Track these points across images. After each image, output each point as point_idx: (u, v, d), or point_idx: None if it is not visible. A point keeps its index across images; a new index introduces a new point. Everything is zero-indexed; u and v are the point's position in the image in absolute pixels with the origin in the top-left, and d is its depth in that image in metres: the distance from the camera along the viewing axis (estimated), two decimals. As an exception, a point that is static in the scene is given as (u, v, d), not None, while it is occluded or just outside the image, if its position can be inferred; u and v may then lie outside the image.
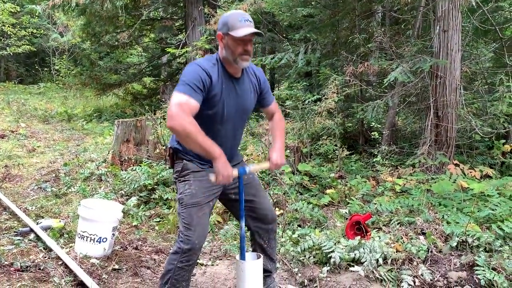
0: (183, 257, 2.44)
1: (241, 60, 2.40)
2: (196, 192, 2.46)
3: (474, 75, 6.53)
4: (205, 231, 2.49)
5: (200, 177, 2.49)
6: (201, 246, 2.49)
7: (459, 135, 6.00)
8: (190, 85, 2.27)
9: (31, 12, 15.73)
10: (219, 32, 2.42)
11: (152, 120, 6.23)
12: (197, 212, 2.45)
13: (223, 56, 2.44)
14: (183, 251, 2.44)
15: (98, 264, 3.38)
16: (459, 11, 5.53)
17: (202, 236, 2.47)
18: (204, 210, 2.49)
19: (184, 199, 2.47)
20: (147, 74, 14.12)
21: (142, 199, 4.88)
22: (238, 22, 2.34)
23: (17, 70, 20.23)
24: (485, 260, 3.08)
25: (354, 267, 3.22)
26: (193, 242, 2.42)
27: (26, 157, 7.10)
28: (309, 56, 7.44)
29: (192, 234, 2.42)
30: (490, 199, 4.18)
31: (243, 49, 2.37)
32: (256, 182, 2.73)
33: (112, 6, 10.05)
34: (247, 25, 2.36)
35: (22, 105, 12.65)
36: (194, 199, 2.46)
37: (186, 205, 2.46)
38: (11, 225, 4.15)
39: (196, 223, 2.44)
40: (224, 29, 2.38)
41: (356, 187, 5.03)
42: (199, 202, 2.46)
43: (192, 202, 2.45)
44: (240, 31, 2.33)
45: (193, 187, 2.47)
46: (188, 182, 2.49)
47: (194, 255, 2.46)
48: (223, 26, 2.39)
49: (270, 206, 2.77)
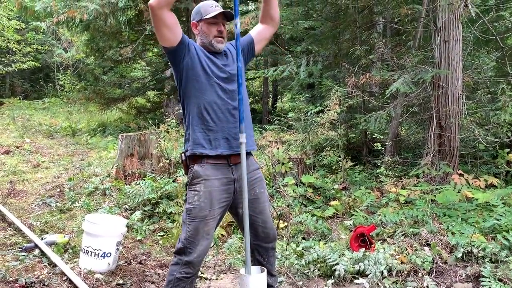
0: (182, 268, 2.46)
1: (216, 42, 2.56)
2: (204, 206, 2.45)
3: (476, 84, 6.53)
4: (207, 246, 2.50)
5: (211, 187, 2.47)
6: (202, 260, 2.51)
7: (463, 145, 5.99)
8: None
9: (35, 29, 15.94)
10: (193, 21, 2.61)
11: (156, 134, 6.25)
12: (204, 226, 2.46)
13: (199, 43, 2.60)
14: (183, 262, 2.45)
15: (102, 279, 3.38)
16: (459, 22, 5.57)
17: (204, 250, 2.48)
18: (211, 225, 2.49)
19: (192, 211, 2.46)
20: (151, 88, 14.21)
21: (146, 213, 4.88)
22: (209, 8, 2.55)
23: (22, 86, 20.41)
24: (491, 271, 3.06)
25: (359, 279, 3.20)
26: (193, 256, 2.44)
27: (31, 173, 7.13)
28: (311, 68, 7.48)
29: (194, 248, 2.44)
30: (495, 209, 4.16)
31: (217, 30, 2.55)
32: (264, 198, 2.67)
33: (115, 21, 10.16)
34: (217, 9, 2.55)
35: (27, 121, 12.76)
36: (202, 212, 2.45)
37: (194, 218, 2.46)
38: (16, 241, 4.16)
39: (201, 237, 2.45)
40: (197, 17, 2.58)
41: (360, 198, 5.02)
42: (206, 216, 2.46)
43: (200, 215, 2.45)
44: (211, 14, 2.53)
45: (202, 200, 2.46)
46: (197, 194, 2.47)
47: (193, 269, 2.48)
48: (196, 14, 2.59)
49: (272, 225, 2.74)
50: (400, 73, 5.68)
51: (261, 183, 2.67)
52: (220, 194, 2.49)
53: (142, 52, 13.58)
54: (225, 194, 2.52)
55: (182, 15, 12.36)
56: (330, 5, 7.20)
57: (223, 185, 2.51)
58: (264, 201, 2.67)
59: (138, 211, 4.85)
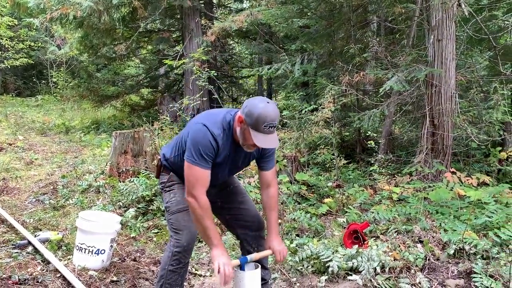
0: (173, 259, 2.53)
1: (248, 149, 2.44)
2: (181, 199, 2.57)
3: (469, 83, 6.57)
4: (193, 232, 2.57)
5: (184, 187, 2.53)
6: (191, 248, 2.58)
7: (456, 143, 6.03)
8: (204, 156, 2.35)
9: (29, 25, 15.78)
10: (241, 114, 2.32)
11: (150, 131, 6.24)
12: (184, 216, 2.56)
13: (236, 129, 2.40)
14: (173, 253, 2.53)
15: (96, 276, 3.38)
16: (452, 21, 5.60)
17: (190, 238, 2.55)
18: (190, 215, 2.54)
19: (170, 207, 2.60)
20: (145, 86, 14.17)
21: (140, 211, 4.88)
22: (262, 126, 2.25)
23: (14, 83, 20.26)
24: (482, 268, 3.09)
25: (352, 276, 3.22)
26: (182, 244, 2.52)
27: (24, 170, 7.09)
28: (306, 66, 7.49)
29: (181, 237, 2.53)
30: (487, 206, 4.20)
31: (254, 146, 2.36)
32: (240, 189, 2.82)
33: (109, 18, 10.10)
34: (270, 133, 2.29)
35: (19, 118, 12.68)
36: (179, 205, 2.58)
37: (173, 212, 2.58)
38: (9, 238, 4.15)
39: (184, 225, 2.55)
40: (248, 118, 2.28)
41: (354, 196, 5.05)
42: (185, 208, 2.54)
43: (178, 208, 2.57)
44: (260, 139, 2.28)
45: (178, 195, 2.59)
46: (173, 191, 2.62)
47: (184, 258, 2.55)
48: (248, 116, 2.28)
49: (257, 213, 2.80)
50: (393, 72, 5.71)
51: (232, 178, 2.81)
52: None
53: (136, 50, 13.53)
54: None
55: (176, 12, 12.34)
56: (325, 4, 7.20)
57: None
58: (242, 192, 2.81)
59: (132, 208, 4.85)
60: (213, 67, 11.01)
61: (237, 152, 2.52)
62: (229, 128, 2.42)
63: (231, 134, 2.43)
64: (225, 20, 10.16)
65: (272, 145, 2.33)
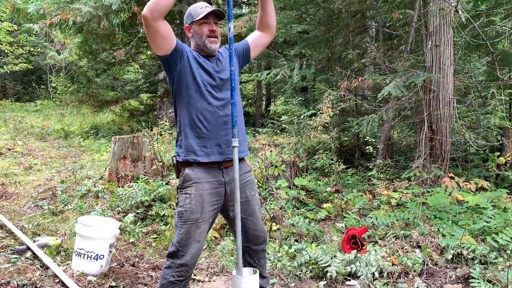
0: (175, 271, 2.47)
1: (209, 42, 2.56)
2: (196, 208, 2.47)
3: (467, 88, 6.60)
4: (200, 248, 2.52)
5: (202, 190, 2.49)
6: (195, 263, 2.51)
7: (454, 148, 6.05)
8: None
9: (28, 31, 15.88)
10: (185, 25, 2.62)
11: (149, 136, 6.26)
12: (196, 229, 2.47)
13: (194, 46, 2.62)
14: (176, 266, 2.46)
15: (95, 281, 3.38)
16: (450, 26, 5.64)
17: (196, 253, 2.49)
18: (203, 228, 2.50)
19: (183, 214, 2.48)
20: (144, 91, 14.20)
21: (139, 216, 4.89)
22: (199, 9, 2.56)
23: (14, 88, 20.29)
24: (480, 272, 3.11)
25: (351, 281, 3.23)
26: (186, 258, 2.45)
27: (23, 175, 7.09)
28: (304, 72, 7.52)
29: (186, 251, 2.45)
30: (485, 211, 4.21)
31: (209, 30, 2.55)
32: (254, 201, 2.69)
33: (109, 24, 10.15)
34: (208, 9, 2.54)
35: (19, 123, 12.67)
36: (193, 215, 2.47)
37: (186, 221, 2.47)
38: (8, 243, 4.15)
39: (193, 240, 2.46)
40: (189, 19, 2.59)
41: (353, 201, 5.06)
42: (198, 219, 2.47)
43: (191, 218, 2.46)
44: (202, 14, 2.53)
45: (194, 202, 2.47)
46: (189, 196, 2.48)
47: (187, 272, 2.48)
48: (187, 17, 2.60)
49: (263, 228, 2.75)
50: (392, 77, 5.74)
51: (252, 186, 2.69)
52: (211, 197, 2.51)
53: (135, 55, 13.57)
54: (216, 197, 2.54)
55: (176, 18, 12.38)
56: (323, 9, 7.25)
57: (214, 188, 2.52)
58: (255, 204, 2.68)
59: (131, 213, 4.85)
60: (212, 72, 11.01)
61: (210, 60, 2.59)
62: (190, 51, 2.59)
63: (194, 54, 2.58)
64: (224, 25, 10.21)
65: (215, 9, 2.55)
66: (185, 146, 2.53)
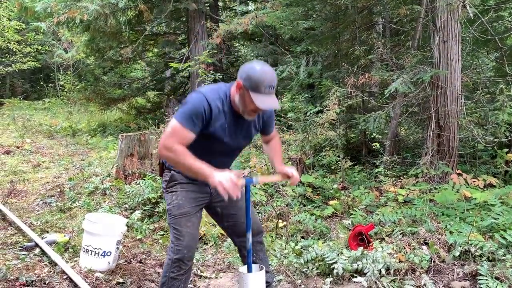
0: (173, 267, 2.50)
1: (248, 115, 2.38)
2: (183, 203, 2.52)
3: (475, 84, 6.55)
4: (194, 240, 2.54)
5: (187, 188, 2.53)
6: (192, 255, 2.54)
7: (462, 145, 6.01)
8: (189, 115, 2.27)
9: (36, 29, 15.92)
10: (239, 80, 2.29)
11: (156, 134, 6.28)
12: (186, 222, 2.51)
13: (234, 99, 2.37)
14: (173, 261, 2.49)
15: (102, 278, 3.40)
16: (458, 22, 5.59)
17: (191, 245, 2.51)
18: (193, 220, 2.54)
19: (172, 210, 2.53)
20: (151, 88, 14.25)
21: (146, 213, 4.91)
22: (262, 87, 2.23)
23: (22, 86, 20.42)
24: (488, 270, 3.08)
25: (357, 278, 3.22)
26: (182, 252, 2.48)
27: (31, 172, 7.15)
28: (311, 68, 7.51)
29: (181, 244, 2.49)
30: (493, 208, 4.18)
31: (255, 110, 2.33)
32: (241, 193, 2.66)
33: (115, 22, 10.19)
34: (270, 93, 2.26)
35: (27, 121, 12.77)
36: (181, 209, 2.51)
37: (175, 216, 2.52)
38: (17, 240, 4.19)
39: (185, 232, 2.50)
40: (246, 83, 2.25)
41: (359, 198, 5.04)
42: (187, 213, 2.51)
43: (180, 212, 2.51)
44: (260, 100, 2.24)
45: (180, 198, 2.52)
46: (175, 193, 2.54)
47: (185, 265, 2.51)
48: (247, 79, 2.26)
49: (256, 219, 2.75)
50: (399, 73, 5.71)
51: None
52: (196, 194, 2.55)
53: (142, 53, 13.60)
54: (201, 194, 2.58)
55: (182, 15, 12.40)
56: (330, 6, 7.22)
57: (199, 187, 2.56)
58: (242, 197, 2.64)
59: (138, 210, 4.88)
60: (218, 69, 11.04)
61: (237, 124, 2.44)
62: (226, 97, 2.38)
63: (228, 103, 2.38)
64: (230, 22, 10.22)
65: (274, 106, 2.28)
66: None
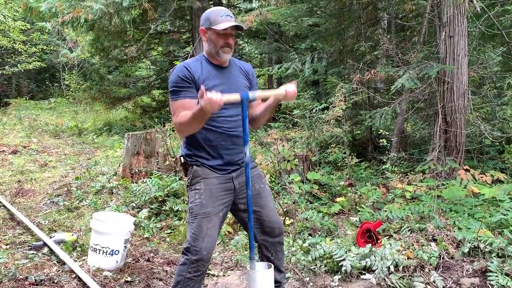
0: (191, 267, 2.46)
1: (223, 52, 2.52)
2: (206, 202, 2.48)
3: (482, 79, 6.51)
4: (213, 242, 2.51)
5: (211, 185, 2.50)
6: (210, 257, 2.51)
7: (469, 140, 5.97)
8: (175, 87, 2.48)
9: (41, 29, 16.00)
10: (201, 27, 2.55)
11: (162, 132, 6.28)
12: (207, 223, 2.47)
13: (206, 50, 2.58)
14: (191, 261, 2.46)
15: (110, 277, 3.41)
16: (464, 17, 5.54)
17: (210, 247, 2.48)
18: (214, 221, 2.50)
19: (194, 209, 2.49)
20: (156, 87, 14.25)
21: (153, 211, 4.92)
22: (219, 17, 2.48)
23: (28, 86, 20.52)
24: (497, 266, 3.06)
25: (366, 275, 3.21)
26: (201, 253, 2.44)
27: (38, 172, 7.19)
28: (316, 65, 7.48)
29: (200, 245, 2.45)
30: (502, 204, 4.14)
31: (224, 42, 2.50)
32: (265, 193, 2.69)
33: (120, 21, 10.18)
34: (228, 19, 2.49)
35: (33, 121, 12.84)
36: (204, 209, 2.48)
37: (196, 216, 2.48)
38: (25, 239, 4.21)
39: (205, 234, 2.46)
40: (206, 23, 2.51)
41: (366, 194, 5.02)
42: (209, 213, 2.48)
43: (202, 212, 2.47)
44: (221, 25, 2.46)
45: (203, 197, 2.49)
46: (198, 192, 2.51)
47: (203, 266, 2.48)
48: (205, 21, 2.52)
49: (278, 219, 2.72)
50: (405, 69, 5.67)
51: (260, 179, 2.71)
52: (220, 191, 2.52)
53: (146, 51, 13.62)
54: (225, 191, 2.55)
55: (186, 14, 12.39)
56: (334, 2, 7.19)
57: (222, 182, 2.54)
58: (266, 196, 2.69)
59: (145, 209, 4.89)
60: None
61: (222, 74, 2.56)
62: (201, 56, 2.59)
63: (204, 59, 2.57)
64: (234, 20, 10.17)
65: (235, 23, 2.48)
66: (194, 153, 2.57)
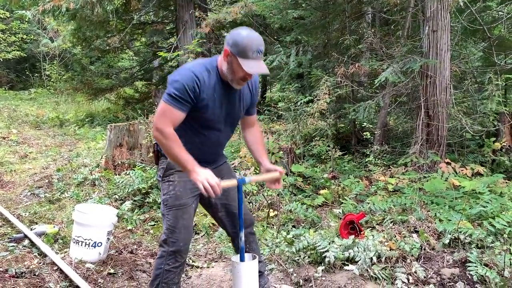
0: (169, 259, 2.46)
1: (237, 83, 2.36)
2: (180, 194, 2.47)
3: (463, 74, 6.60)
4: (190, 233, 2.51)
5: (185, 177, 2.43)
6: (187, 248, 2.52)
7: (450, 134, 6.06)
8: (177, 94, 2.25)
9: (21, 18, 15.65)
10: (227, 47, 2.27)
11: (145, 124, 6.23)
12: (182, 214, 2.47)
13: (222, 68, 2.35)
14: (169, 253, 2.46)
15: (93, 269, 3.38)
16: (447, 12, 5.60)
17: (187, 238, 2.49)
18: (189, 212, 2.51)
19: (168, 200, 2.48)
20: (139, 78, 14.10)
21: (136, 203, 4.88)
22: (250, 52, 2.22)
23: (7, 76, 20.07)
24: (477, 256, 3.13)
25: (349, 266, 3.25)
26: (178, 244, 2.45)
27: (18, 163, 7.06)
28: (301, 58, 7.48)
29: (177, 237, 2.45)
30: (482, 196, 4.23)
31: (244, 77, 2.31)
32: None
33: (102, 10, 10.01)
34: (258, 59, 2.25)
35: (13, 111, 12.57)
36: (178, 200, 2.46)
37: (171, 207, 2.47)
38: (5, 231, 4.14)
39: (182, 225, 2.46)
40: (234, 49, 2.24)
41: (349, 187, 5.07)
42: (184, 204, 2.47)
43: (177, 204, 2.46)
44: (249, 65, 2.23)
45: (177, 189, 2.47)
46: (172, 183, 2.48)
47: (181, 257, 2.48)
48: (234, 45, 2.24)
49: (247, 211, 2.74)
50: (389, 63, 5.72)
51: (230, 171, 2.72)
52: (192, 184, 2.43)
53: (129, 42, 13.45)
54: None
55: (170, 4, 12.25)
56: (319, -5, 7.19)
57: None
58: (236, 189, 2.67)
59: (128, 201, 4.85)
60: (207, 59, 10.93)
61: (228, 96, 2.42)
62: (213, 68, 2.37)
63: (216, 74, 2.36)
64: (219, 11, 10.09)
65: (262, 70, 2.26)
66: None
